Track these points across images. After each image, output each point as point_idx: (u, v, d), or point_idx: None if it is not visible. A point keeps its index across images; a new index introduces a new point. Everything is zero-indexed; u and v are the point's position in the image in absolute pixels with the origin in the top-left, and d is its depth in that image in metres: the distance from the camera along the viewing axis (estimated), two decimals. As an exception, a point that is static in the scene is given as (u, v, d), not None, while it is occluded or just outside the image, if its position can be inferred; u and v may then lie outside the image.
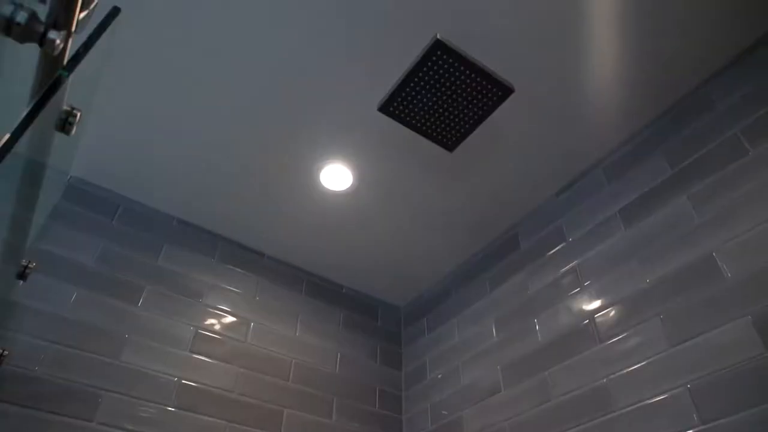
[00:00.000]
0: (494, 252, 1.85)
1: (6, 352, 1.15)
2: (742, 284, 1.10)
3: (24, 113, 0.55)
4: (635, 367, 1.23)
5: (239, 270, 1.85)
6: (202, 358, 1.60)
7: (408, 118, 1.34)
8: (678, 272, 1.24)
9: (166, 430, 1.42)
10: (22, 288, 1.40)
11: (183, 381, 1.53)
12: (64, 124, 0.62)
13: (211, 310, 1.70)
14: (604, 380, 1.29)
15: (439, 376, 1.83)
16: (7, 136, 0.53)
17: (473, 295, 1.85)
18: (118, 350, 1.47)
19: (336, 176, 1.64)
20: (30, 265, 0.96)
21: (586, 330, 1.39)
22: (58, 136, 0.64)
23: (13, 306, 1.36)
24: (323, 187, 1.68)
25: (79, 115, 0.64)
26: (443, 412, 1.74)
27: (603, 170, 1.57)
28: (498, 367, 1.61)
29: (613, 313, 1.35)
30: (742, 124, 1.24)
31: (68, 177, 1.65)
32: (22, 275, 1.03)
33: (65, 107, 0.63)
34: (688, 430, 1.08)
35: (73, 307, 1.46)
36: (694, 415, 1.08)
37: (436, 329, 1.96)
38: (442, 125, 1.34)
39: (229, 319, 1.72)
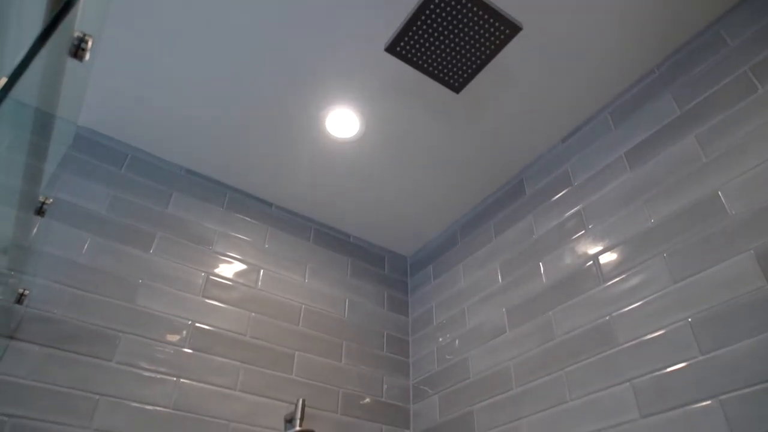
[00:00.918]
0: (500, 198, 1.86)
1: (26, 291, 1.19)
2: (746, 221, 1.11)
3: (37, 34, 0.56)
4: (637, 304, 1.26)
5: (248, 219, 1.88)
6: (214, 302, 1.64)
7: (415, 59, 1.33)
8: (683, 211, 1.25)
9: (182, 370, 1.48)
10: (37, 234, 1.43)
11: (197, 324, 1.57)
12: (77, 49, 0.63)
13: (221, 257, 1.74)
14: (607, 318, 1.32)
15: (445, 320, 1.88)
16: (22, 55, 0.54)
17: (479, 241, 1.88)
18: (133, 294, 1.51)
19: (342, 122, 1.64)
20: (47, 201, 0.98)
21: (590, 271, 1.42)
22: (71, 63, 0.64)
23: (30, 251, 1.40)
24: (330, 134, 1.68)
25: (90, 41, 0.64)
26: (448, 356, 1.79)
27: (610, 114, 1.56)
28: (503, 309, 1.65)
29: (616, 253, 1.37)
30: (752, 61, 1.23)
31: (76, 126, 1.66)
32: (39, 211, 1.05)
33: (77, 33, 0.64)
34: (688, 360, 1.11)
35: (87, 253, 1.49)
36: (695, 347, 1.11)
37: (442, 275, 1.99)
38: (449, 65, 1.34)
39: (239, 266, 1.76)
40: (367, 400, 1.78)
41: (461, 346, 1.75)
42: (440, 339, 1.86)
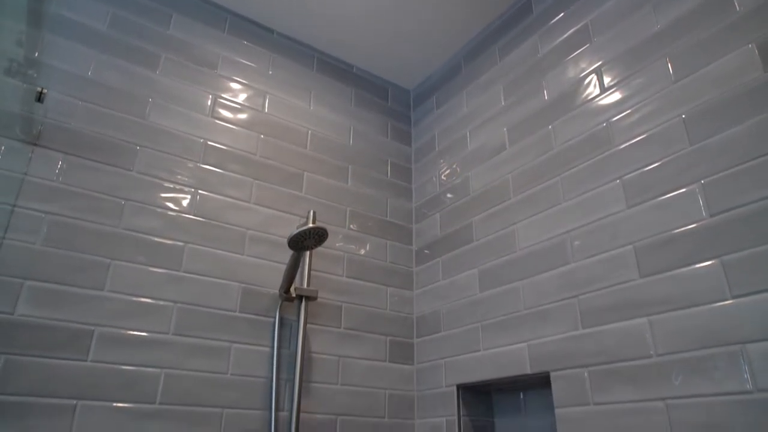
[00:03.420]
0: (507, 20, 1.83)
1: (45, 90, 1.22)
2: (752, 13, 1.11)
3: None
4: (635, 107, 1.31)
5: (250, 44, 1.85)
6: (224, 123, 1.69)
7: None
8: (690, 12, 1.24)
9: (200, 183, 1.57)
10: (45, 52, 1.43)
11: (209, 142, 1.63)
12: None
13: (226, 80, 1.75)
14: (604, 124, 1.38)
15: (447, 145, 1.94)
16: None
17: (483, 66, 1.88)
18: (145, 111, 1.55)
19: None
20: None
21: (592, 81, 1.44)
22: None
23: (39, 63, 1.41)
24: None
25: None
26: (449, 178, 1.88)
27: None
28: (504, 129, 1.70)
29: (620, 61, 1.38)
30: None
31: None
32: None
33: None
34: (678, 152, 1.18)
35: (95, 70, 1.51)
36: (685, 139, 1.17)
37: (444, 104, 2.02)
38: None
39: (245, 89, 1.78)
40: (373, 218, 1.90)
41: (462, 168, 1.83)
42: (441, 163, 1.94)
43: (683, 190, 1.15)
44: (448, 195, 1.86)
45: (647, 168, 1.24)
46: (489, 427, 1.61)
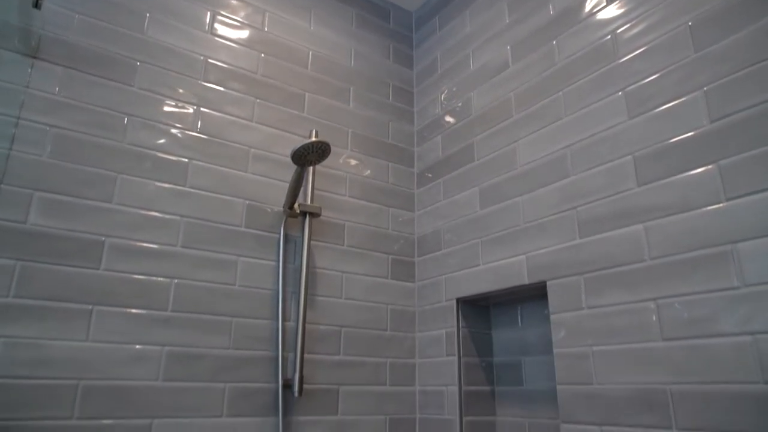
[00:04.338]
0: (512, -67, 1.77)
1: (42, -5, 1.20)
2: None
3: None
4: (641, 17, 1.29)
5: (247, -41, 1.80)
6: (223, 41, 1.66)
7: None
8: None
9: (201, 100, 1.56)
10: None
11: (209, 60, 1.62)
12: None
13: (225, -4, 1.71)
14: (609, 36, 1.36)
15: (449, 67, 1.92)
16: None
17: (487, -18, 1.83)
18: (143, 26, 1.52)
19: None
20: None
21: (599, -7, 1.42)
22: None
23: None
24: None
25: None
26: (451, 99, 1.87)
27: None
28: (508, 47, 1.68)
29: (628, -30, 1.35)
30: None
31: None
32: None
33: None
34: (683, 60, 1.18)
35: (90, -19, 1.47)
36: (690, 46, 1.17)
37: (447, 24, 1.98)
38: None
39: (244, 6, 1.74)
40: (375, 141, 1.91)
41: (465, 89, 1.82)
42: (444, 85, 1.93)
43: (686, 98, 1.15)
44: (450, 117, 1.86)
45: (651, 78, 1.23)
46: (487, 338, 1.68)
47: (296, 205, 1.59)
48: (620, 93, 1.30)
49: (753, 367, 0.95)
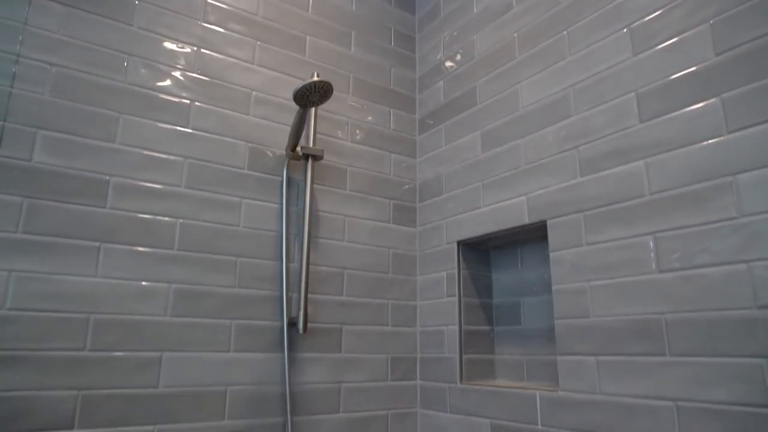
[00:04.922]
0: None
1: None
2: None
3: None
4: (649, -50, 1.26)
5: None
6: (223, -19, 1.63)
7: None
8: None
9: (200, 42, 1.54)
10: None
11: (208, 0, 1.59)
12: None
13: (223, -66, 1.67)
14: (616, -28, 1.33)
15: (452, 11, 1.89)
16: None
17: None
18: (140, -37, 1.50)
19: None
20: None
21: (607, -73, 1.38)
22: None
23: None
24: None
25: None
26: (455, 43, 1.84)
27: None
28: (512, -13, 1.65)
29: None
30: None
31: None
32: None
33: None
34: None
35: None
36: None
37: (451, -34, 1.94)
38: None
39: (243, -55, 1.70)
40: (376, 86, 1.90)
41: (467, 32, 1.80)
42: (446, 30, 1.90)
43: (692, 31, 1.14)
44: (452, 62, 1.84)
45: (657, 13, 1.22)
46: (486, 280, 1.71)
47: (298, 148, 1.60)
48: (625, 30, 1.28)
49: (746, 293, 0.97)
